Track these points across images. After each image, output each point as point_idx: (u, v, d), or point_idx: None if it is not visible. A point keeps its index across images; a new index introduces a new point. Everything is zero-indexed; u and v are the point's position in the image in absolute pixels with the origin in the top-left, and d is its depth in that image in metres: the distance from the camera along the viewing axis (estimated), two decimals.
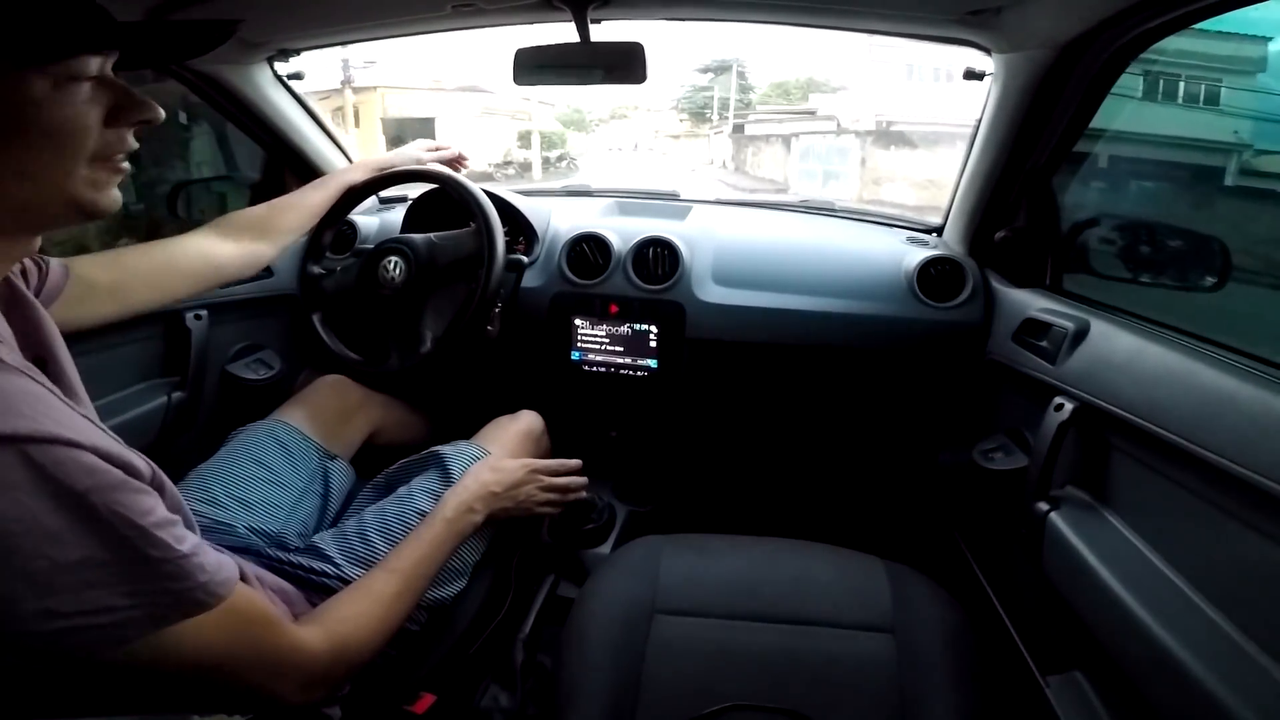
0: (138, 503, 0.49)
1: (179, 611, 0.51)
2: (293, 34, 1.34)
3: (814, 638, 0.88)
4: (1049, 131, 1.15)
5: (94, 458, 0.47)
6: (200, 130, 1.89)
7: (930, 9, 1.11)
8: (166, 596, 0.50)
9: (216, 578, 0.54)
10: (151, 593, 0.49)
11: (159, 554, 0.49)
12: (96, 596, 0.46)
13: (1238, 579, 0.71)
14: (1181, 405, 0.78)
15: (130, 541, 0.47)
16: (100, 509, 0.46)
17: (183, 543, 0.51)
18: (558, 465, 1.17)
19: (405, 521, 0.99)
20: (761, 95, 36.90)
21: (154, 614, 0.50)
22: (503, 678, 1.12)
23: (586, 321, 1.47)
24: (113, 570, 0.47)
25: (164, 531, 0.49)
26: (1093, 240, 1.28)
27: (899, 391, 1.51)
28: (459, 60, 40.77)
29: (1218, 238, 1.13)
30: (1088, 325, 1.03)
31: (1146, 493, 0.86)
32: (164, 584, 0.50)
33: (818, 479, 1.74)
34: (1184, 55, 3.60)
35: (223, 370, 1.42)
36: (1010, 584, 1.24)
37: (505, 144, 23.77)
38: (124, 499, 0.48)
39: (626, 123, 42.51)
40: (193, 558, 0.52)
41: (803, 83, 35.69)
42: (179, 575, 0.50)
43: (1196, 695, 0.66)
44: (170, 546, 0.50)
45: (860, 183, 18.20)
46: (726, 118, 29.84)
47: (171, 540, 0.50)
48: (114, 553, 0.47)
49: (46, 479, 0.44)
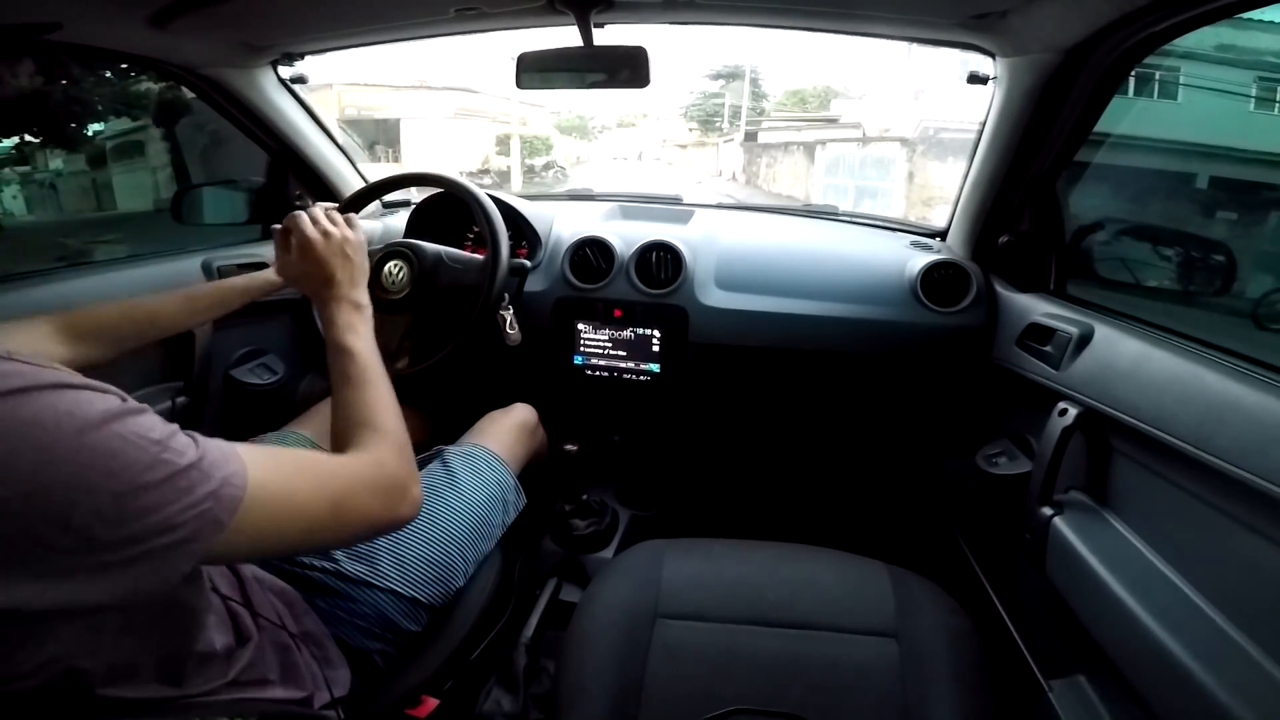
0: (143, 422, 0.48)
1: (227, 511, 0.50)
2: (297, 38, 1.35)
3: (817, 642, 0.88)
4: (1053, 136, 1.15)
5: (94, 393, 0.46)
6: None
7: (934, 13, 1.11)
8: (209, 500, 0.49)
9: (230, 471, 0.51)
10: (199, 500, 0.48)
11: (184, 462, 0.48)
12: (155, 522, 0.45)
13: (1242, 584, 0.71)
14: (1186, 410, 0.77)
15: (160, 457, 0.47)
16: (128, 435, 0.46)
17: (189, 451, 0.50)
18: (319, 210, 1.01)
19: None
20: (776, 103, 35.50)
21: (213, 517, 0.49)
22: (505, 681, 1.11)
23: (589, 326, 1.47)
24: (163, 488, 0.46)
25: (175, 440, 0.49)
26: (1096, 245, 1.28)
27: (902, 396, 1.50)
28: (433, 55, 39.19)
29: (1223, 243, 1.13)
30: (1092, 330, 1.03)
31: (1150, 498, 0.86)
32: (201, 490, 0.48)
33: (821, 483, 1.74)
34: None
35: (226, 375, 1.42)
36: (1013, 588, 1.24)
37: (484, 149, 21.94)
38: (134, 421, 0.47)
39: (634, 131, 41.51)
40: (204, 458, 0.50)
41: (820, 90, 34.42)
42: (208, 476, 0.49)
43: (1200, 699, 0.66)
44: (185, 454, 0.49)
45: (906, 202, 13.69)
46: (738, 125, 27.10)
47: (183, 448, 0.49)
48: (156, 472, 0.46)
49: (74, 416, 0.43)
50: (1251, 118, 3.97)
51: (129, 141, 4.16)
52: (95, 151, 4.13)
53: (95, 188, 4.26)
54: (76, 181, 4.13)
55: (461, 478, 1.08)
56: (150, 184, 4.06)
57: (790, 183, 18.54)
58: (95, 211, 4.27)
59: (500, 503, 1.11)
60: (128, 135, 4.13)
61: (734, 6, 1.21)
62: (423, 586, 0.94)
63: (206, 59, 1.30)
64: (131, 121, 4.09)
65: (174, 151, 3.44)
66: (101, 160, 4.20)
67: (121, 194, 4.29)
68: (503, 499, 1.12)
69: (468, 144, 20.65)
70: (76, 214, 4.11)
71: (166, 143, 3.39)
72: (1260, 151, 3.53)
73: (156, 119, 3.63)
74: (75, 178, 4.12)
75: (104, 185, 4.27)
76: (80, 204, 4.14)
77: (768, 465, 1.75)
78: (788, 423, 1.63)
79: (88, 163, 4.13)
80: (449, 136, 19.37)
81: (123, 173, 4.26)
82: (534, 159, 23.98)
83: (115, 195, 4.29)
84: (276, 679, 0.72)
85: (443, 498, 1.03)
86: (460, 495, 1.05)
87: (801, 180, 17.69)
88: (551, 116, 37.55)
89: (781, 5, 1.17)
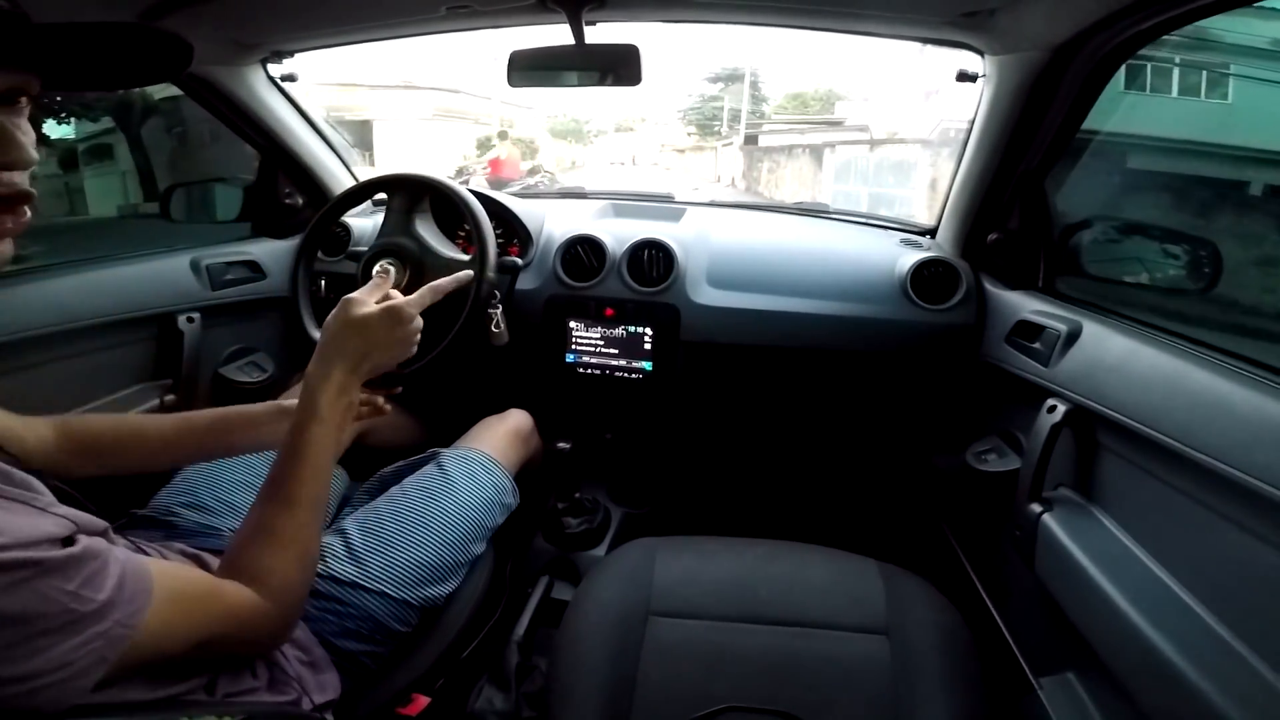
0: (62, 577, 0.47)
1: (110, 648, 0.50)
2: (287, 36, 1.34)
3: (808, 639, 0.88)
4: (1041, 133, 1.16)
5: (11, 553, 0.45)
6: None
7: (924, 11, 1.11)
8: (99, 639, 0.49)
9: (126, 611, 0.52)
10: (90, 639, 0.48)
11: (86, 609, 0.48)
12: (50, 656, 0.46)
13: (1229, 580, 0.71)
14: (1174, 407, 0.78)
15: (65, 606, 0.47)
16: (30, 593, 0.45)
17: (101, 590, 0.50)
18: (416, 296, 0.90)
19: (399, 522, 0.98)
20: (776, 106, 33.83)
21: (100, 655, 0.49)
22: (497, 680, 1.11)
23: (581, 324, 1.46)
24: (56, 633, 0.46)
25: (86, 589, 0.49)
26: (1085, 242, 1.28)
27: (893, 393, 1.51)
28: (413, 54, 37.85)
29: (1209, 239, 1.14)
30: (1080, 327, 1.03)
31: (1139, 494, 0.86)
32: (95, 628, 0.49)
33: (812, 481, 1.74)
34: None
35: (215, 373, 1.41)
36: (1003, 585, 1.25)
37: (464, 152, 19.98)
38: (43, 583, 0.46)
39: (631, 135, 40.36)
40: (105, 606, 0.50)
41: (823, 93, 33.13)
42: (103, 616, 0.49)
43: (1187, 696, 0.66)
44: (91, 599, 0.49)
45: (929, 213, 7.69)
46: (737, 129, 25.11)
47: (91, 593, 0.49)
48: (52, 621, 0.46)
49: None
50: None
51: (99, 145, 4.11)
52: (66, 155, 4.05)
53: (68, 192, 4.20)
54: (49, 185, 4.05)
55: (457, 481, 1.08)
56: (119, 188, 4.03)
57: (795, 188, 16.41)
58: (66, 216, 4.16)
59: (495, 506, 1.11)
60: (97, 138, 4.09)
61: (726, 4, 1.21)
62: (414, 589, 0.94)
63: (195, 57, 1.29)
64: (94, 124, 4.03)
65: (140, 154, 3.39)
66: (74, 163, 4.14)
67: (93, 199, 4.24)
68: (498, 503, 1.12)
69: (447, 147, 19.29)
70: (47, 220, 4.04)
71: (133, 146, 3.33)
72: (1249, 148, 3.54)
73: (120, 121, 3.57)
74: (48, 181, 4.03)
75: (76, 190, 4.22)
76: (53, 208, 4.05)
77: (760, 463, 1.75)
78: (779, 420, 1.63)
79: (60, 166, 4.04)
80: (426, 139, 18.09)
81: (94, 176, 4.21)
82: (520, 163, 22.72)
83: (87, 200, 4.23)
84: (263, 685, 0.71)
85: (437, 501, 1.03)
86: (454, 499, 1.05)
87: (808, 186, 15.57)
88: (546, 120, 36.13)
89: (773, 3, 1.17)
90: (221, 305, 1.39)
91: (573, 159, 34.89)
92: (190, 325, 1.30)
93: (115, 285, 1.24)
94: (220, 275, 1.42)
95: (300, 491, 0.71)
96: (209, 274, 1.39)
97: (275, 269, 1.51)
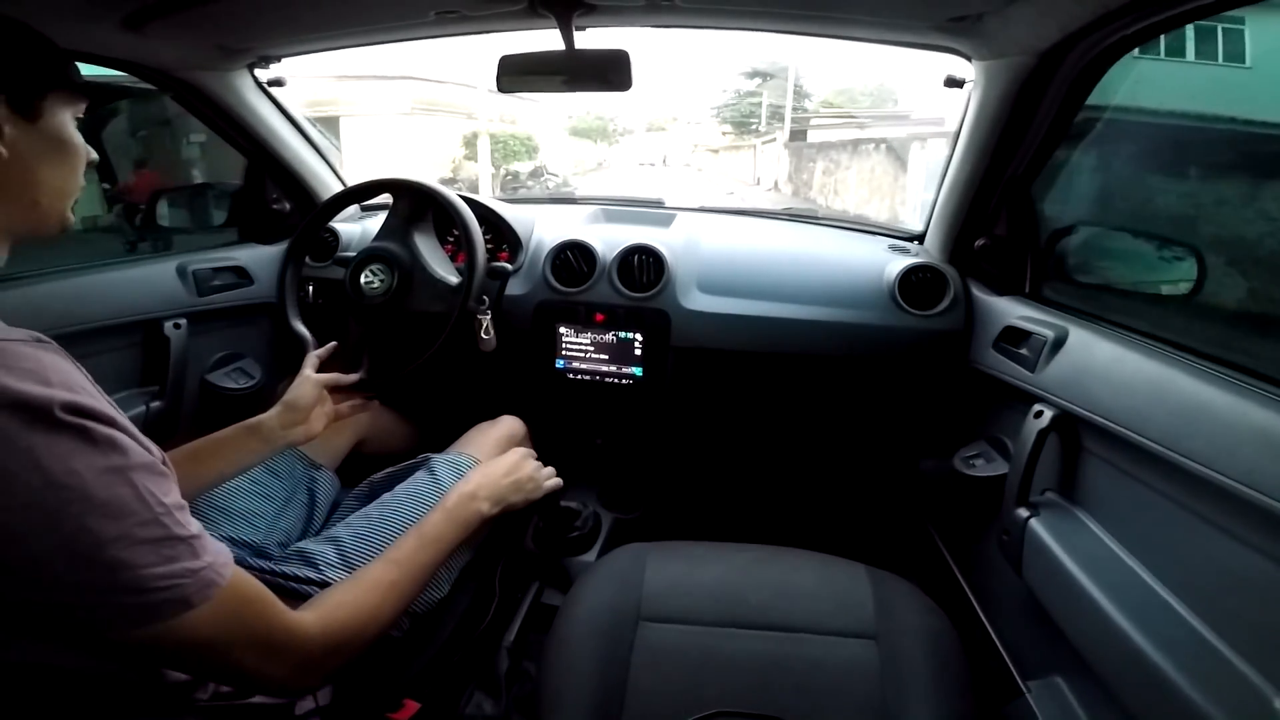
0: (162, 485, 0.50)
1: (198, 593, 0.50)
2: (274, 40, 1.33)
3: (798, 644, 0.88)
4: (1028, 139, 1.16)
5: (126, 437, 0.48)
6: None
7: (912, 16, 1.11)
8: (188, 576, 0.50)
9: (219, 560, 0.53)
10: (178, 574, 0.49)
11: (182, 533, 0.50)
12: (128, 578, 0.46)
13: (1213, 583, 0.72)
14: (1159, 413, 0.79)
15: (160, 521, 0.48)
16: (140, 488, 0.47)
17: (192, 525, 0.52)
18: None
19: (391, 527, 0.98)
20: (821, 101, 31.19)
21: (182, 595, 0.49)
22: (487, 685, 1.11)
23: (571, 329, 1.46)
24: (145, 550, 0.47)
25: (183, 514, 0.51)
26: (1071, 247, 1.29)
27: (881, 399, 1.51)
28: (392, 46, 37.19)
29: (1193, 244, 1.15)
30: (1066, 333, 1.04)
31: (1125, 499, 0.87)
32: (186, 564, 0.50)
33: (801, 486, 1.74)
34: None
35: (202, 379, 1.40)
36: (991, 590, 1.25)
37: (451, 151, 18.30)
38: (153, 481, 0.49)
39: (662, 135, 38.85)
40: (202, 538, 0.52)
41: (873, 89, 31.27)
42: (196, 554, 0.51)
43: (1173, 699, 0.66)
44: (186, 528, 0.51)
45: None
46: (777, 125, 22.53)
47: (186, 522, 0.51)
48: (148, 531, 0.47)
49: (96, 446, 0.45)
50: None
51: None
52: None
53: None
54: None
55: (448, 487, 1.07)
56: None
57: (864, 195, 12.51)
58: None
59: None
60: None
61: (713, 10, 1.21)
62: None
63: (182, 62, 1.29)
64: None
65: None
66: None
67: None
68: None
69: (428, 145, 17.02)
70: None
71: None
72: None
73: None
74: None
75: None
76: None
77: (750, 468, 1.75)
78: (769, 425, 1.63)
79: None
80: (403, 136, 15.76)
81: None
82: (517, 164, 19.46)
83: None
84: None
85: (428, 506, 1.03)
86: None
87: (884, 194, 11.78)
88: (566, 119, 33.92)
89: (760, 8, 1.17)
90: (208, 311, 1.38)
91: (599, 160, 33.58)
92: (177, 331, 1.29)
93: (101, 291, 1.23)
94: (207, 281, 1.41)
95: (405, 556, 0.82)
96: (196, 280, 1.38)
97: (262, 274, 1.50)
